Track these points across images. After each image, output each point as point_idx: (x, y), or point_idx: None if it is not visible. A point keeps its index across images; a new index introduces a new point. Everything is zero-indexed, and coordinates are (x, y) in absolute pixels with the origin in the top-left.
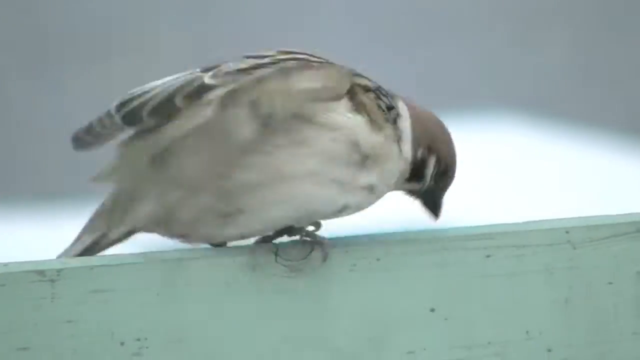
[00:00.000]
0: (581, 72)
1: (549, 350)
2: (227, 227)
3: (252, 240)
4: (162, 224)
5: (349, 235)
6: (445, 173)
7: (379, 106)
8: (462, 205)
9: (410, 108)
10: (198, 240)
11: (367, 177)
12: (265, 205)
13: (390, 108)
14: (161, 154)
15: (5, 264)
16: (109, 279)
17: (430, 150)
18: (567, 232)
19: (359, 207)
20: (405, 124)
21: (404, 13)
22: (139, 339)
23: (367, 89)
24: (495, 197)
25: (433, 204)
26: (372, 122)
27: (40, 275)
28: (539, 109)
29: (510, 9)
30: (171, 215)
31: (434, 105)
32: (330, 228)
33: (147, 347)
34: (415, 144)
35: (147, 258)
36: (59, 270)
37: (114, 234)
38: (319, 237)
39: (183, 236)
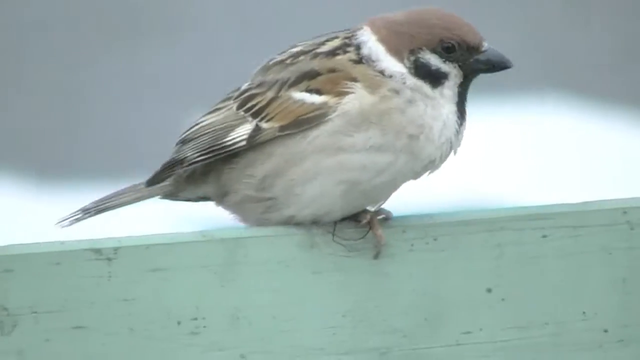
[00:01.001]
0: (631, 52)
1: (605, 331)
2: (271, 213)
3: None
4: (222, 199)
5: (406, 214)
6: (466, 49)
7: (351, 59)
8: (517, 186)
9: (379, 28)
10: (254, 224)
11: (369, 137)
12: (291, 188)
13: (352, 46)
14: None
15: (62, 242)
16: (166, 258)
17: (412, 52)
18: (624, 212)
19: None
20: (370, 44)
21: None
22: (195, 318)
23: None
24: (549, 177)
25: (493, 66)
26: (365, 88)
27: (97, 254)
28: (591, 89)
29: None
30: (224, 197)
31: (481, 86)
32: (388, 205)
33: (204, 327)
34: (400, 54)
35: (205, 236)
36: (115, 249)
37: (188, 194)
38: (380, 229)
39: (241, 220)
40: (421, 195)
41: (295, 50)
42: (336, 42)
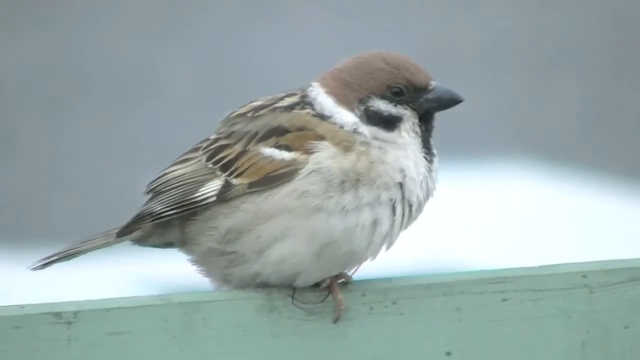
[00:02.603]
0: (596, 118)
1: None
2: (234, 267)
3: None
4: (186, 249)
5: (365, 278)
6: (414, 90)
7: (312, 115)
8: (478, 249)
9: (327, 81)
10: (218, 279)
11: (349, 197)
12: (258, 245)
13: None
14: None
15: (22, 306)
16: (126, 321)
17: (362, 101)
18: (583, 276)
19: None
20: (320, 99)
21: (419, 58)
22: None
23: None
24: (510, 242)
25: (443, 102)
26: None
27: (57, 317)
28: (554, 154)
29: (524, 54)
30: (189, 247)
31: (449, 151)
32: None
33: None
34: (350, 104)
35: (164, 300)
36: (75, 313)
37: (155, 240)
38: (339, 293)
39: (205, 273)
40: (381, 259)
41: (255, 104)
42: (294, 99)
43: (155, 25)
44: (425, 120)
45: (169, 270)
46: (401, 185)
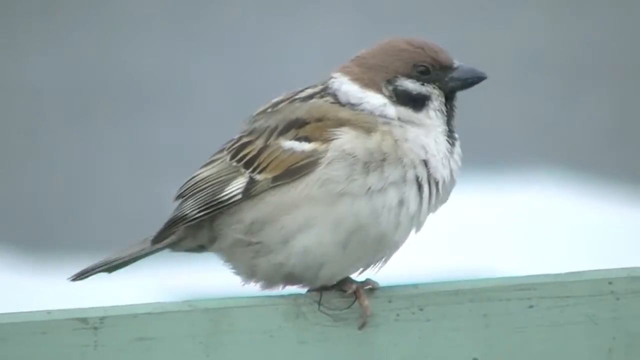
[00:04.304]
0: (625, 131)
1: None
2: (259, 258)
3: None
4: (215, 246)
5: (392, 284)
6: (440, 68)
7: (332, 102)
8: (504, 257)
9: (350, 69)
10: (245, 272)
11: (374, 179)
12: (282, 236)
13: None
14: None
15: (48, 312)
16: (153, 327)
17: (389, 81)
18: (610, 282)
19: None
20: (345, 87)
21: None
22: None
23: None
24: (537, 250)
25: (468, 80)
26: (357, 130)
27: (83, 323)
28: (583, 165)
29: (549, 64)
30: (217, 243)
31: (473, 161)
32: (374, 275)
33: None
34: (377, 86)
35: (191, 306)
36: (102, 318)
37: (187, 243)
38: (366, 299)
39: (232, 266)
40: (408, 266)
41: (275, 100)
42: (314, 89)
43: (186, 33)
44: (449, 100)
45: (193, 281)
46: (426, 162)
